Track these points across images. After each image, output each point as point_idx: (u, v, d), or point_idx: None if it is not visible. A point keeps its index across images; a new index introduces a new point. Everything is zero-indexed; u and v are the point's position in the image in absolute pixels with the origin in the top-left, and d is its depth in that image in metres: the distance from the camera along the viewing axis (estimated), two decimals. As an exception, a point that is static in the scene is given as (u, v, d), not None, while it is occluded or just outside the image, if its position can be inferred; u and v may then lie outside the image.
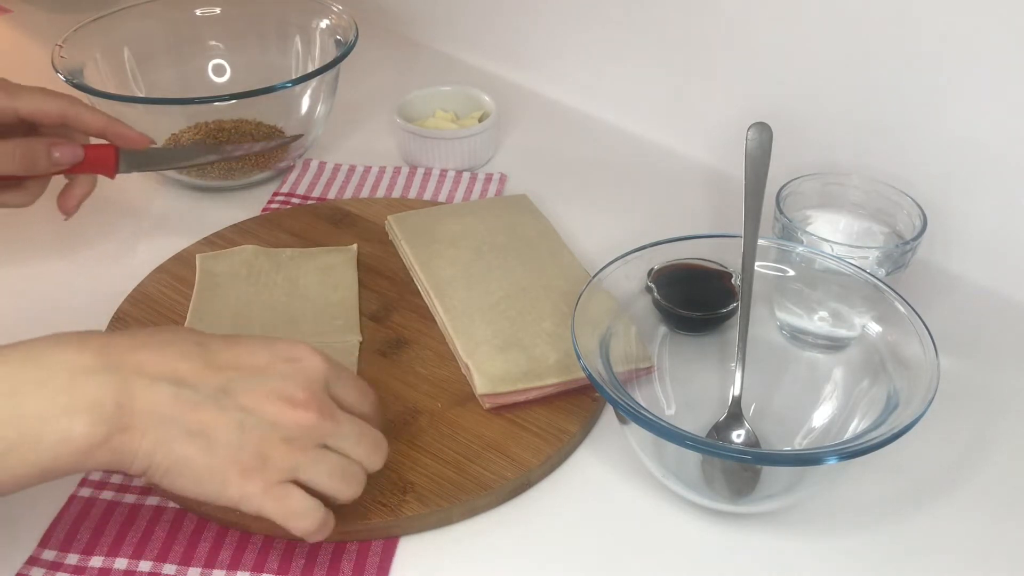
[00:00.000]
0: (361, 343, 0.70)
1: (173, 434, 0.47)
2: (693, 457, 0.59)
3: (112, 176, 0.73)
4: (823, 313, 0.67)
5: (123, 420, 0.46)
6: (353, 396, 0.54)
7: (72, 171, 0.71)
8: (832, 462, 0.51)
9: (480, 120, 0.95)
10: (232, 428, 0.48)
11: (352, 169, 0.92)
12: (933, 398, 0.54)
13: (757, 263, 0.64)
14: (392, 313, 0.73)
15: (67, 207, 0.72)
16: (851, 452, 0.52)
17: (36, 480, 0.46)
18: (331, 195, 0.89)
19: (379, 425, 0.55)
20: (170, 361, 0.49)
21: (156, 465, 0.48)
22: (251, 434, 0.49)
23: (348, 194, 0.89)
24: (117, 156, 0.72)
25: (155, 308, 0.73)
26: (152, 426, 0.47)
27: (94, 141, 0.72)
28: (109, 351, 0.47)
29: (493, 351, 0.66)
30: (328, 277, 0.76)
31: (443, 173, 0.91)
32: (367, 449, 0.53)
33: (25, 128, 0.69)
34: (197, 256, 0.77)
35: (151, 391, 0.47)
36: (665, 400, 0.64)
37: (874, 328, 0.62)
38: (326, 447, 0.51)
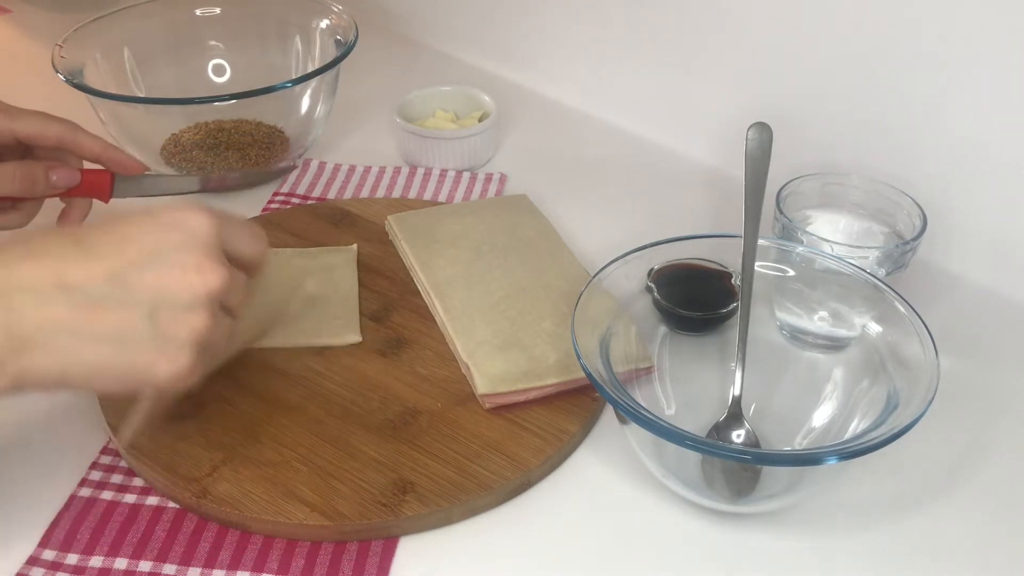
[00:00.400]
0: (361, 343, 0.70)
1: (80, 344, 0.45)
2: (693, 457, 0.59)
3: (106, 201, 0.73)
4: (823, 313, 0.67)
5: (17, 343, 0.44)
6: (244, 244, 0.52)
7: (68, 195, 0.71)
8: (832, 462, 0.51)
9: (480, 120, 0.95)
10: (142, 320, 0.46)
11: (352, 169, 0.92)
12: (933, 398, 0.54)
13: (757, 263, 0.64)
14: (392, 313, 0.73)
15: None
16: (851, 452, 0.52)
17: None
18: (331, 195, 0.89)
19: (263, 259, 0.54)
20: (51, 267, 0.45)
21: (72, 377, 0.46)
22: (164, 319, 0.46)
23: (348, 194, 0.89)
24: (112, 181, 0.73)
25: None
26: (52, 341, 0.45)
27: (88, 165, 0.73)
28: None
29: (493, 351, 0.66)
30: (328, 277, 0.76)
31: (443, 173, 0.91)
32: (245, 298, 0.53)
33: (22, 150, 0.69)
34: (197, 256, 0.77)
35: (41, 306, 0.44)
36: (665, 400, 0.64)
37: (874, 328, 0.62)
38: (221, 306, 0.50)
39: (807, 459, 0.54)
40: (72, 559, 0.56)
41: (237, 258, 0.51)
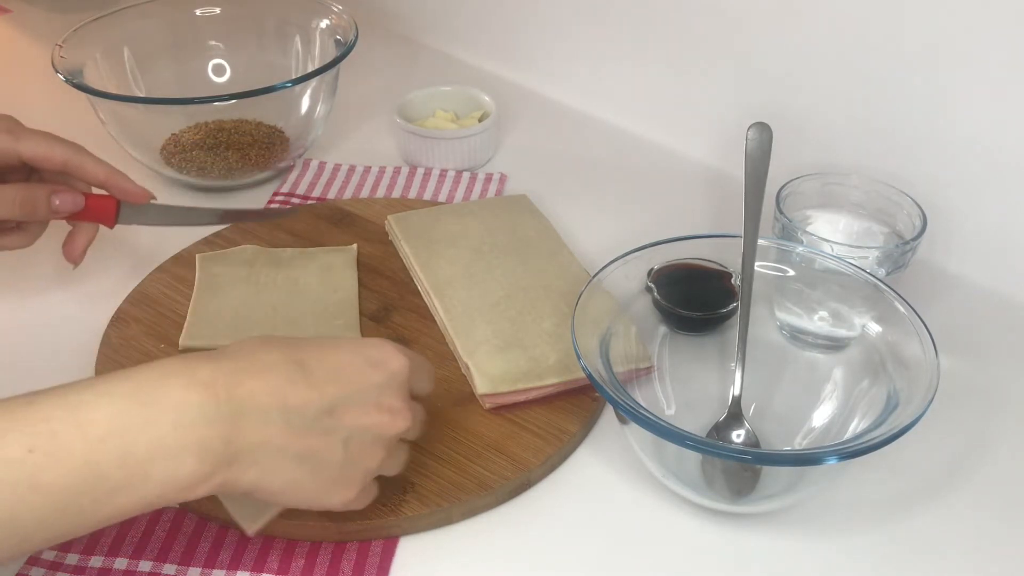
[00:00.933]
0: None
1: (281, 462, 0.48)
2: (693, 457, 0.59)
3: (111, 226, 0.70)
4: (823, 313, 0.67)
5: (230, 455, 0.46)
6: (423, 384, 0.56)
7: (72, 219, 0.70)
8: (832, 462, 0.51)
9: (480, 120, 0.95)
10: (338, 448, 0.49)
11: (352, 169, 0.92)
12: (933, 398, 0.54)
13: (757, 263, 0.64)
14: (392, 313, 0.73)
15: (73, 256, 0.70)
16: (851, 452, 0.52)
17: (138, 512, 0.45)
18: (331, 195, 0.89)
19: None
20: (278, 388, 0.48)
21: (263, 489, 0.48)
22: (354, 449, 0.50)
23: (348, 194, 0.89)
24: (118, 208, 0.70)
25: (155, 308, 0.73)
26: (261, 457, 0.47)
27: (95, 190, 0.71)
28: (216, 385, 0.46)
29: (493, 351, 0.66)
30: (328, 277, 0.76)
31: (443, 173, 0.91)
32: (417, 430, 0.56)
33: (27, 171, 0.68)
34: (197, 256, 0.77)
35: (262, 424, 0.47)
36: (665, 400, 0.64)
37: (874, 328, 0.62)
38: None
39: (807, 459, 0.54)
40: (72, 559, 0.56)
41: (416, 396, 0.55)
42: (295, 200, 0.88)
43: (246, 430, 0.46)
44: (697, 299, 0.67)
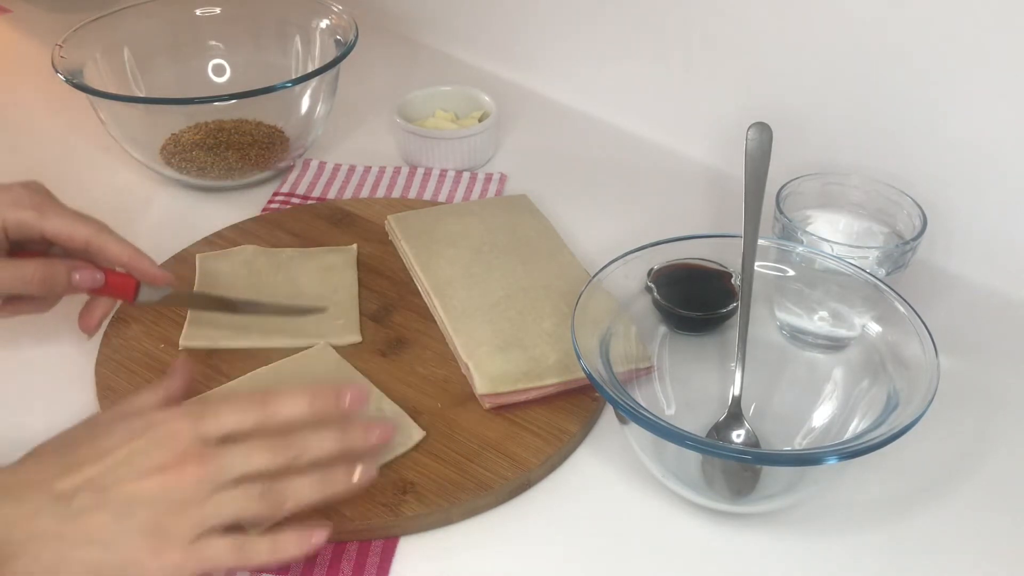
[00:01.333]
0: (361, 343, 0.70)
1: (66, 549, 0.48)
2: (693, 457, 0.59)
3: (131, 302, 0.68)
4: (823, 313, 0.67)
5: (11, 547, 0.47)
6: (229, 422, 0.53)
7: (91, 293, 0.68)
8: (832, 462, 0.51)
9: (480, 120, 0.95)
10: (119, 520, 0.49)
11: (352, 169, 0.92)
12: (933, 398, 0.54)
13: (757, 263, 0.64)
14: (392, 313, 0.73)
15: (88, 328, 0.69)
16: (851, 452, 0.52)
17: None
18: (331, 195, 0.89)
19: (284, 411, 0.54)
20: (44, 479, 0.50)
21: None
22: (139, 517, 0.49)
23: (348, 194, 0.89)
24: (138, 287, 0.67)
25: (155, 308, 0.73)
26: (43, 547, 0.48)
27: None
28: None
29: (493, 351, 0.66)
30: (328, 277, 0.76)
31: (443, 173, 0.91)
32: (265, 461, 0.52)
33: (48, 242, 0.66)
34: (197, 256, 0.77)
35: (33, 514, 0.48)
36: (665, 400, 0.64)
37: (874, 328, 0.62)
38: (228, 483, 0.51)
39: (807, 459, 0.54)
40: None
41: (228, 433, 0.53)
42: (295, 200, 0.88)
43: (16, 525, 0.48)
44: (697, 299, 0.67)
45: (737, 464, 0.59)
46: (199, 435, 0.52)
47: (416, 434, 0.62)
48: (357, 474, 0.54)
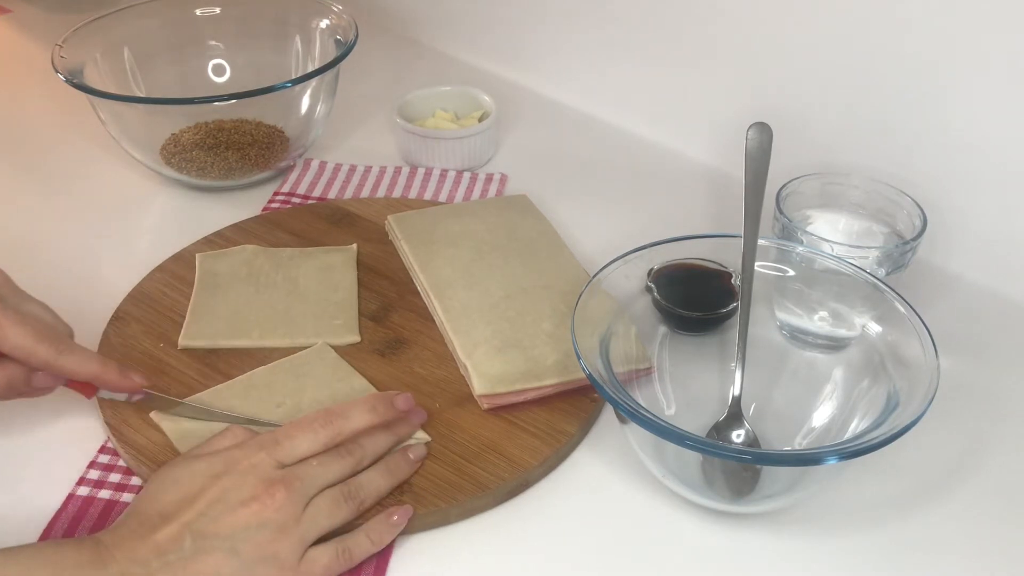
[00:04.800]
0: (360, 343, 0.70)
1: None
2: (693, 457, 0.59)
3: (89, 398, 0.64)
4: (823, 313, 0.67)
5: None
6: (304, 445, 0.56)
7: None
8: (832, 462, 0.51)
9: (480, 120, 0.95)
10: (228, 558, 0.52)
11: (352, 169, 0.92)
12: (933, 398, 0.54)
13: (757, 263, 0.64)
14: (391, 313, 0.73)
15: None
16: (851, 452, 0.51)
17: None
18: (331, 195, 0.89)
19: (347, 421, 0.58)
20: (144, 539, 0.52)
21: None
22: (247, 550, 0.52)
23: (348, 194, 0.89)
24: (98, 389, 0.64)
25: (155, 307, 0.73)
26: None
27: None
28: (99, 545, 0.51)
29: (492, 352, 0.66)
30: (328, 277, 0.76)
31: (443, 173, 0.91)
32: (339, 469, 0.57)
33: None
34: (197, 255, 0.77)
35: (143, 572, 0.50)
36: (665, 400, 0.64)
37: (874, 328, 0.62)
38: (315, 495, 0.55)
39: (807, 459, 0.54)
40: (70, 559, 0.56)
41: (303, 456, 0.56)
42: (295, 200, 0.88)
43: None
44: (697, 299, 0.67)
45: (737, 464, 0.59)
46: (278, 461, 0.55)
47: (420, 436, 0.62)
48: (413, 455, 0.60)
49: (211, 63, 0.99)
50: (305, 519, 0.54)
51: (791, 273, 0.67)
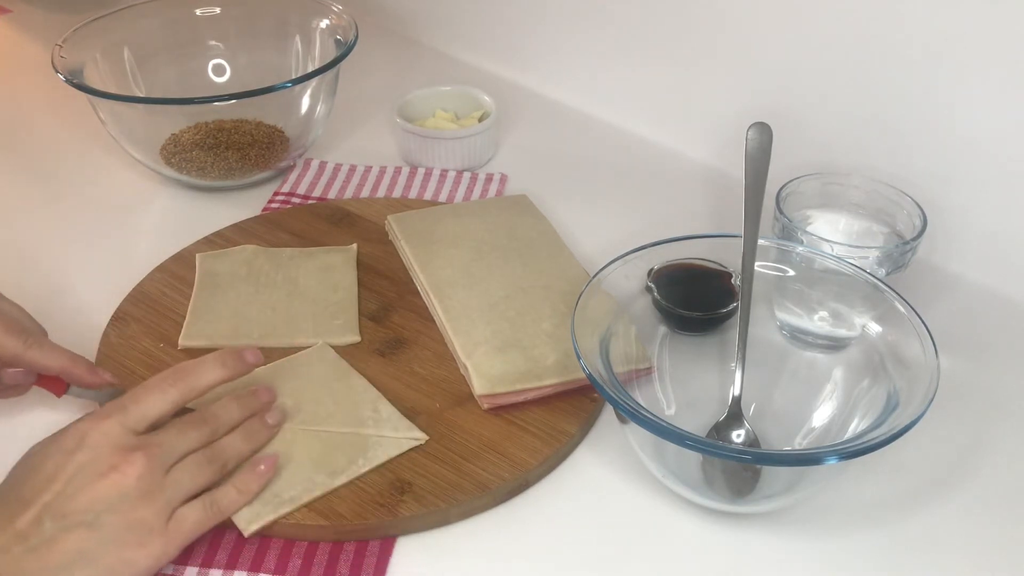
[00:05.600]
0: (359, 343, 0.70)
1: None
2: (693, 457, 0.59)
3: (59, 396, 0.64)
4: (823, 313, 0.67)
5: None
6: (154, 407, 0.56)
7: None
8: (832, 462, 0.51)
9: (480, 120, 0.95)
10: (90, 533, 0.51)
11: (352, 169, 0.92)
12: (933, 398, 0.54)
13: (757, 263, 0.64)
14: (391, 313, 0.73)
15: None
16: (851, 452, 0.51)
17: None
18: (331, 195, 0.89)
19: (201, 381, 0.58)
20: (6, 527, 0.51)
21: None
22: (110, 522, 0.52)
23: (348, 194, 0.89)
24: (68, 386, 0.64)
25: (155, 307, 0.73)
26: None
27: None
28: None
29: (492, 352, 0.66)
30: (328, 277, 0.76)
31: (443, 173, 0.91)
32: (197, 436, 0.56)
33: None
34: (197, 255, 0.77)
35: (10, 563, 0.50)
36: (665, 400, 0.64)
37: (874, 328, 0.62)
38: (175, 468, 0.55)
39: (807, 459, 0.54)
40: (70, 559, 0.56)
41: (155, 418, 0.56)
42: (295, 199, 0.88)
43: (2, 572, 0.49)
44: (697, 299, 0.67)
45: (737, 464, 0.59)
46: (130, 428, 0.54)
47: (417, 436, 0.62)
48: (271, 420, 0.61)
49: (211, 63, 0.99)
50: (168, 484, 0.54)
51: (791, 273, 0.67)
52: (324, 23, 0.95)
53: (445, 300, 0.71)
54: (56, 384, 0.63)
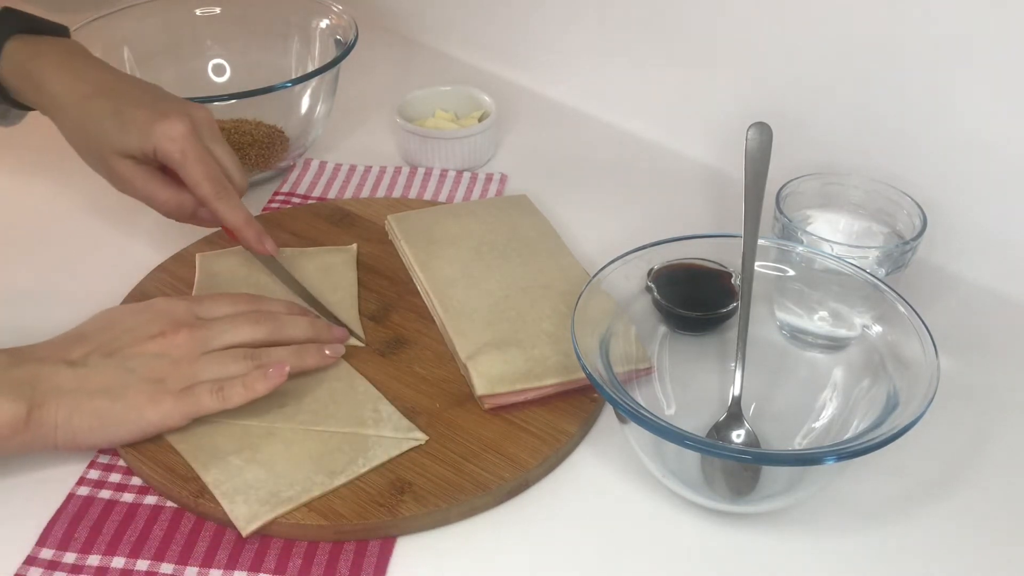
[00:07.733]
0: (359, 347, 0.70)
1: (80, 399, 0.58)
2: (693, 457, 0.59)
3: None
4: (823, 313, 0.67)
5: (37, 398, 0.57)
6: (225, 309, 0.65)
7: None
8: (832, 462, 0.51)
9: (480, 120, 0.95)
10: (124, 374, 0.60)
11: (352, 169, 0.92)
12: (933, 398, 0.54)
13: (757, 263, 0.64)
14: (391, 313, 0.73)
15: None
16: (851, 452, 0.51)
17: None
18: (331, 195, 0.89)
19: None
20: (61, 350, 0.61)
21: (76, 427, 0.58)
22: (141, 371, 0.60)
23: (348, 194, 0.89)
24: None
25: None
26: (62, 398, 0.58)
27: None
28: (16, 353, 0.60)
29: (492, 352, 0.66)
30: (328, 277, 0.76)
31: (443, 173, 0.91)
32: (249, 331, 0.63)
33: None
34: (197, 255, 0.77)
35: (53, 374, 0.59)
36: (665, 400, 0.64)
37: (874, 328, 0.62)
38: (217, 349, 0.62)
39: (807, 459, 0.54)
40: (70, 558, 0.56)
41: (215, 317, 0.65)
42: (295, 199, 0.88)
43: (43, 378, 0.58)
44: (697, 299, 0.67)
45: (737, 464, 0.59)
46: (194, 312, 0.64)
47: (417, 436, 0.62)
48: (328, 351, 0.65)
49: (211, 63, 0.99)
50: (200, 362, 0.61)
51: (791, 273, 0.67)
52: (324, 23, 0.95)
53: (445, 300, 0.71)
54: (232, 236, 0.71)
